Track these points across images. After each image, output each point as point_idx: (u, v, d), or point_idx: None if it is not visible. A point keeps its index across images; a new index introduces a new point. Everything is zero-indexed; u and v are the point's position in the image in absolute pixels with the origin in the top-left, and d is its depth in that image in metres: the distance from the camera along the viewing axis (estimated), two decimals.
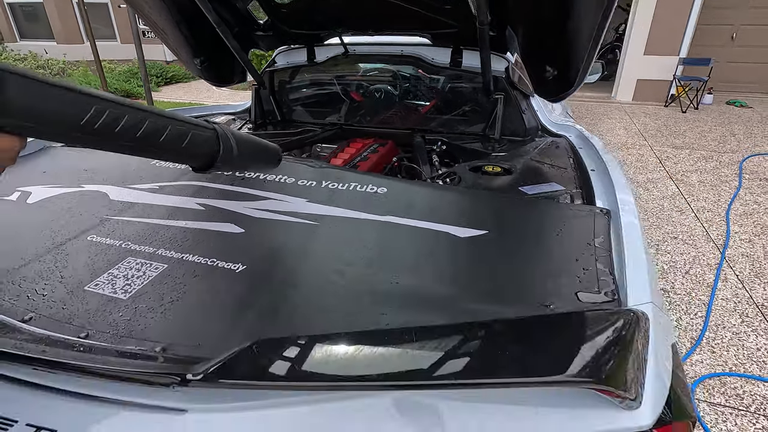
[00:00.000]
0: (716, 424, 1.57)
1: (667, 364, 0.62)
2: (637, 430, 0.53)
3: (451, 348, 0.54)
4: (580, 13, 1.19)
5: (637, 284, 0.69)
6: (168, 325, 0.67)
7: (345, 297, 0.73)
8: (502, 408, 0.54)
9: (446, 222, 0.91)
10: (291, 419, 0.55)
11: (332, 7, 1.75)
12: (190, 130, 0.62)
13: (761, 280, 2.37)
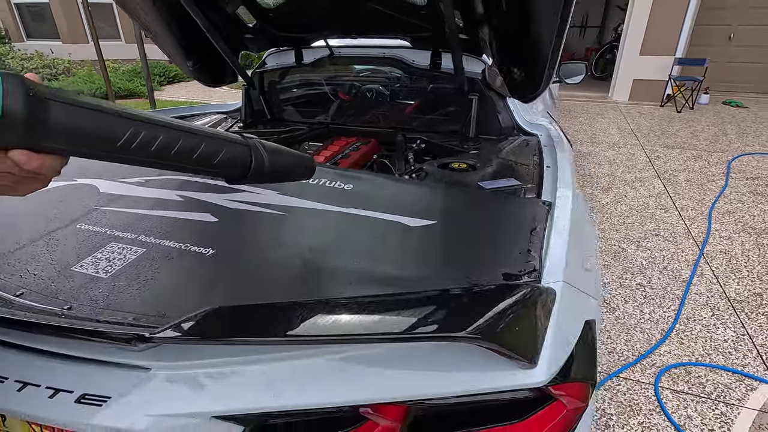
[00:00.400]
0: (677, 410, 1.65)
1: (573, 334, 0.70)
2: (532, 386, 0.61)
3: (370, 313, 0.63)
4: (539, 18, 1.28)
5: (554, 266, 0.78)
6: (140, 299, 0.77)
7: (302, 277, 0.82)
8: (416, 367, 0.63)
9: (401, 213, 0.99)
10: (245, 376, 0.65)
11: (317, 12, 1.84)
12: (224, 146, 0.63)
13: (736, 276, 2.44)
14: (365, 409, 0.63)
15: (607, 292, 2.33)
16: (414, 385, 0.62)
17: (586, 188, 3.62)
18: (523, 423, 0.65)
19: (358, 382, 0.63)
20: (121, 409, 0.64)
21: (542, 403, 0.66)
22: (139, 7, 1.66)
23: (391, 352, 0.65)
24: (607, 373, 1.82)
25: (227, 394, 0.63)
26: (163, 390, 0.65)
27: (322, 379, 0.63)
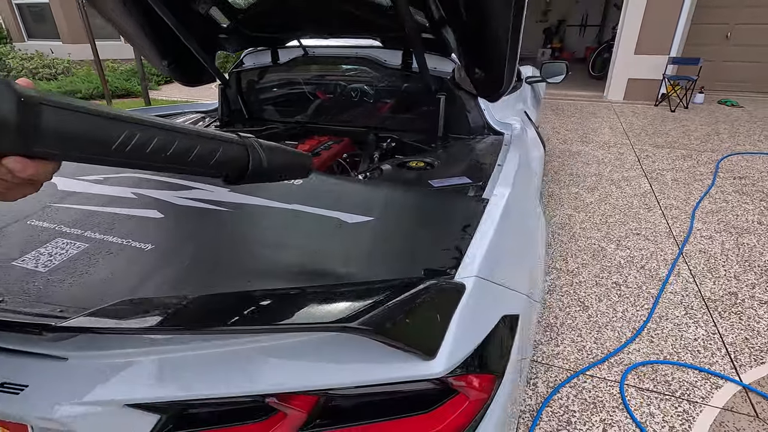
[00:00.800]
0: (640, 407, 1.66)
1: (483, 328, 0.72)
2: (429, 378, 0.63)
3: (271, 305, 0.65)
4: (493, 18, 1.29)
5: (470, 261, 0.79)
6: (71, 293, 0.79)
7: (228, 271, 0.84)
8: (321, 358, 0.65)
9: (342, 210, 1.02)
10: (156, 366, 0.67)
11: (288, 13, 1.86)
12: (220, 146, 0.62)
13: (712, 275, 2.45)
14: (271, 398, 0.66)
15: (582, 290, 2.34)
16: (317, 376, 0.64)
17: (571, 187, 3.63)
18: (427, 415, 0.67)
19: (263, 372, 0.65)
20: (38, 397, 0.66)
21: (448, 396, 0.68)
22: (110, 7, 1.69)
23: (298, 343, 0.67)
24: (573, 371, 1.83)
25: (139, 384, 0.66)
26: (78, 379, 0.67)
27: (230, 369, 0.66)
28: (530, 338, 1.00)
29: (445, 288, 0.71)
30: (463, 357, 0.66)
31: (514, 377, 0.81)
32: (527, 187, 1.31)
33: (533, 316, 1.00)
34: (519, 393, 0.90)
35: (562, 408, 1.67)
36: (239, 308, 0.64)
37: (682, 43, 6.52)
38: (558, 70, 2.90)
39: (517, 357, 0.83)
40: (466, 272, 0.76)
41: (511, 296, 0.84)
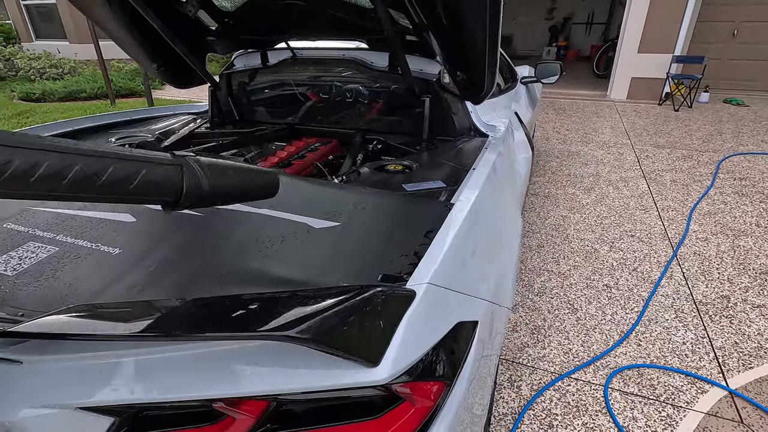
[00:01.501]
0: (623, 411, 1.65)
1: (433, 335, 0.72)
2: (372, 385, 0.64)
3: (215, 311, 0.66)
4: (470, 22, 1.29)
5: (424, 268, 0.80)
6: (35, 297, 0.81)
7: (188, 275, 0.85)
8: (267, 364, 0.66)
9: (309, 214, 1.02)
10: (109, 370, 0.68)
11: (274, 15, 1.87)
12: (141, 168, 0.55)
13: (705, 278, 2.42)
14: (218, 403, 0.67)
15: (572, 292, 2.33)
16: (264, 382, 0.65)
17: (568, 188, 3.60)
18: (375, 420, 0.68)
19: (212, 377, 0.66)
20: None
21: (396, 402, 0.69)
22: (96, 10, 1.71)
23: (247, 349, 0.68)
24: (558, 373, 1.82)
25: (91, 388, 0.67)
26: (32, 382, 0.68)
27: (180, 374, 0.67)
28: (495, 343, 1.00)
29: (394, 295, 0.71)
30: (409, 365, 0.67)
31: (470, 384, 0.81)
32: (501, 190, 1.31)
33: (499, 321, 1.00)
34: (479, 399, 0.90)
35: (544, 411, 1.66)
36: (184, 315, 0.65)
37: (687, 41, 6.44)
38: (552, 71, 2.89)
39: (474, 364, 0.83)
40: (420, 278, 0.77)
41: (469, 302, 0.84)
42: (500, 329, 1.02)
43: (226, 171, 0.68)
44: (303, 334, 0.57)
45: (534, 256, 2.66)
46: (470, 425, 0.85)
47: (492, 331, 0.94)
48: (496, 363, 1.03)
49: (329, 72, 2.10)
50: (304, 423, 0.69)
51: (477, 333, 0.84)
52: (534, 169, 4.01)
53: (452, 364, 0.74)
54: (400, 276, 0.80)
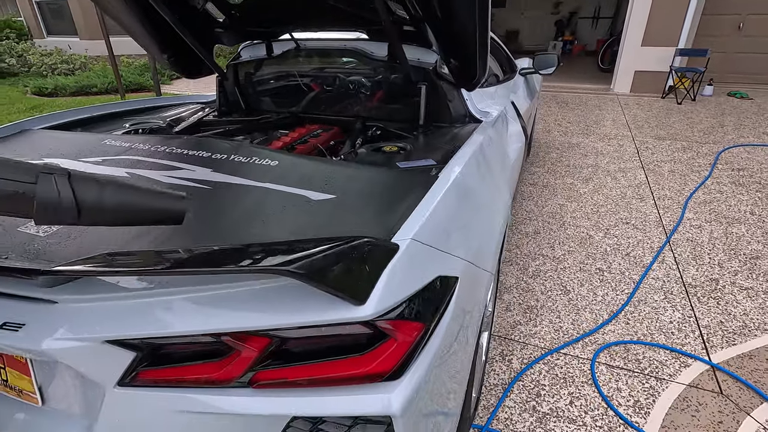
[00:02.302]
0: (608, 383, 1.74)
1: (414, 283, 0.82)
2: (359, 320, 0.74)
3: (223, 254, 0.76)
4: (460, 13, 1.38)
5: (408, 226, 0.89)
6: (64, 252, 0.92)
7: (195, 236, 0.95)
8: (268, 303, 0.76)
9: (309, 188, 1.12)
10: (131, 308, 0.79)
11: (278, 7, 1.97)
12: None
13: (697, 262, 2.49)
14: (226, 337, 0.77)
15: (566, 275, 2.41)
16: (263, 317, 0.75)
17: (566, 178, 3.67)
18: (361, 356, 0.78)
19: (218, 313, 0.76)
20: (33, 333, 0.79)
21: (380, 341, 0.78)
22: (112, 4, 1.81)
23: (248, 291, 0.78)
24: (548, 349, 1.91)
25: (116, 323, 0.78)
26: (66, 319, 0.79)
27: (192, 311, 0.77)
28: (479, 303, 1.10)
29: (380, 247, 0.80)
30: (392, 306, 0.76)
31: (450, 334, 0.91)
32: (486, 167, 1.40)
33: (480, 282, 1.09)
34: (461, 355, 1.00)
35: (533, 382, 1.75)
36: (197, 256, 0.75)
37: (691, 34, 6.44)
38: (550, 62, 2.96)
39: (455, 315, 0.93)
40: (404, 235, 0.86)
41: (449, 260, 0.93)
42: (482, 291, 1.11)
43: (104, 189, 0.65)
44: (299, 270, 0.67)
45: (530, 242, 2.74)
46: (451, 378, 0.95)
47: (473, 290, 1.04)
48: (478, 324, 1.12)
49: (331, 62, 2.19)
50: (299, 359, 0.79)
51: (457, 288, 0.93)
52: (533, 160, 4.08)
53: (432, 310, 0.84)
54: (387, 233, 0.89)
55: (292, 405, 0.78)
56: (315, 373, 0.78)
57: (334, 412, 0.77)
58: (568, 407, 1.64)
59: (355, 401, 0.77)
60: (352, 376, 0.77)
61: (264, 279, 0.80)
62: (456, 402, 1.07)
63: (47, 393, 0.90)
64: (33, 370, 0.89)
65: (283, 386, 0.79)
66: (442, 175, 1.10)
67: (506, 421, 1.58)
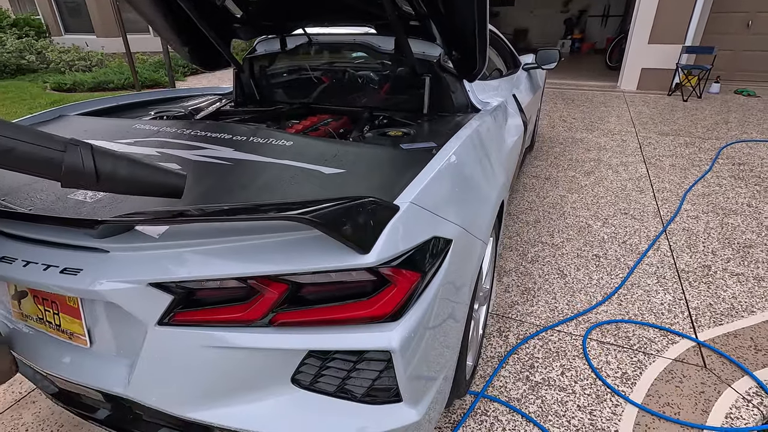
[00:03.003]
0: (598, 356, 1.85)
1: (412, 239, 0.94)
2: (365, 266, 0.86)
3: (249, 208, 0.89)
4: (461, 9, 1.50)
5: (408, 191, 1.02)
6: (111, 212, 1.06)
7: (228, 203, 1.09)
8: (285, 252, 0.89)
9: (321, 164, 1.25)
10: (169, 256, 0.93)
11: (291, 4, 2.10)
12: (27, 148, 0.69)
13: (691, 250, 2.58)
14: (251, 281, 0.90)
15: (563, 261, 2.52)
16: (280, 263, 0.88)
17: (569, 171, 3.77)
18: (367, 300, 0.91)
19: (244, 260, 0.89)
20: (89, 277, 0.93)
21: (382, 287, 0.91)
22: (139, 1, 1.96)
23: (269, 242, 0.91)
24: (543, 326, 2.03)
25: (159, 268, 0.91)
26: (116, 265, 0.93)
27: (222, 259, 0.90)
28: (472, 266, 1.22)
29: (383, 205, 0.93)
30: (393, 255, 0.89)
31: (446, 288, 1.04)
32: (481, 147, 1.52)
33: (474, 249, 1.22)
34: (456, 310, 1.12)
35: (527, 355, 1.87)
36: (230, 209, 0.88)
37: (699, 32, 6.47)
38: (552, 58, 3.06)
39: (450, 272, 1.05)
40: (404, 199, 0.99)
41: (444, 224, 1.06)
42: (475, 256, 1.23)
43: (119, 162, 0.79)
44: (314, 218, 0.80)
45: (530, 230, 2.85)
46: (444, 331, 1.07)
47: (467, 253, 1.16)
48: (471, 287, 1.25)
49: (341, 55, 2.32)
50: (314, 303, 0.93)
51: (451, 249, 1.06)
52: (537, 154, 4.18)
53: (427, 263, 0.96)
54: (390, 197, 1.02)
55: (307, 341, 0.91)
56: (326, 315, 0.91)
57: (343, 346, 0.90)
58: (559, 377, 1.75)
59: (360, 338, 0.90)
60: (358, 317, 0.91)
61: (283, 231, 0.93)
62: (451, 357, 1.19)
63: (95, 335, 1.05)
64: (84, 314, 1.03)
65: (298, 325, 0.92)
66: (439, 152, 1.23)
67: (501, 389, 1.71)
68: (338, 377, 0.96)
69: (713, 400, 1.64)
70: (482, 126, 1.61)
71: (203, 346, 0.93)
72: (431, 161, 1.18)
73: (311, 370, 0.96)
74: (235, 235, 0.92)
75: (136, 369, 0.98)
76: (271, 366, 0.95)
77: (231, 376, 0.95)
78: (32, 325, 1.15)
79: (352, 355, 0.94)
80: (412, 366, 0.96)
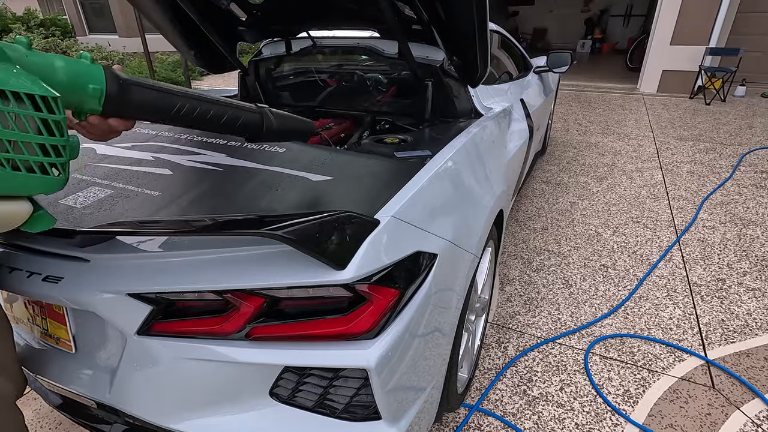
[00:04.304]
0: (600, 372, 1.79)
1: (392, 254, 0.92)
2: (339, 282, 0.84)
3: (225, 222, 0.88)
4: (461, 16, 1.47)
5: (392, 205, 1.00)
6: (96, 220, 1.07)
7: (208, 209, 1.08)
8: (263, 266, 0.87)
9: (310, 171, 1.24)
10: (149, 267, 0.92)
11: (295, 7, 2.10)
12: (243, 113, 0.93)
13: (705, 262, 2.48)
14: (227, 294, 0.89)
15: (569, 270, 2.45)
16: (257, 278, 0.87)
17: (580, 177, 3.67)
18: (344, 317, 0.89)
19: (221, 273, 0.89)
20: (70, 285, 0.93)
21: (359, 304, 0.89)
22: (144, 3, 1.98)
23: (245, 255, 0.90)
24: (543, 338, 1.97)
25: (137, 279, 0.91)
26: (96, 274, 0.94)
27: (199, 271, 0.90)
28: (461, 280, 1.19)
29: (361, 221, 0.91)
30: (370, 272, 0.87)
31: (430, 304, 1.01)
32: (477, 156, 1.48)
33: (462, 263, 1.18)
34: (443, 324, 1.09)
35: (526, 368, 1.83)
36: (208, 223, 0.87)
37: (724, 33, 6.23)
38: (563, 61, 2.99)
39: (435, 287, 1.02)
40: (386, 213, 0.97)
41: (428, 237, 1.03)
42: (464, 270, 1.20)
43: (287, 118, 1.02)
44: (288, 234, 0.78)
45: (537, 237, 2.79)
46: (429, 347, 1.05)
47: (454, 268, 1.13)
48: (460, 300, 1.21)
49: (344, 59, 2.31)
50: (291, 318, 0.91)
51: (436, 263, 1.03)
52: (548, 158, 4.09)
53: (408, 280, 0.94)
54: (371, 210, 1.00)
55: (283, 356, 0.90)
56: (302, 330, 0.90)
57: (319, 363, 0.88)
58: (558, 393, 1.70)
59: (336, 355, 0.88)
60: (334, 334, 0.89)
61: (261, 245, 0.92)
62: (436, 374, 1.16)
63: (79, 341, 1.06)
64: (69, 321, 1.04)
65: (275, 340, 0.91)
66: (430, 161, 1.20)
67: (496, 402, 1.67)
68: (316, 393, 0.94)
69: (720, 422, 1.56)
70: (480, 133, 1.57)
71: (182, 357, 0.93)
72: (420, 171, 1.15)
73: (289, 385, 0.95)
74: (213, 247, 0.92)
75: (116, 377, 0.99)
76: (249, 379, 0.94)
77: (210, 387, 0.95)
78: (23, 329, 1.17)
79: (329, 372, 0.92)
80: (392, 383, 0.94)
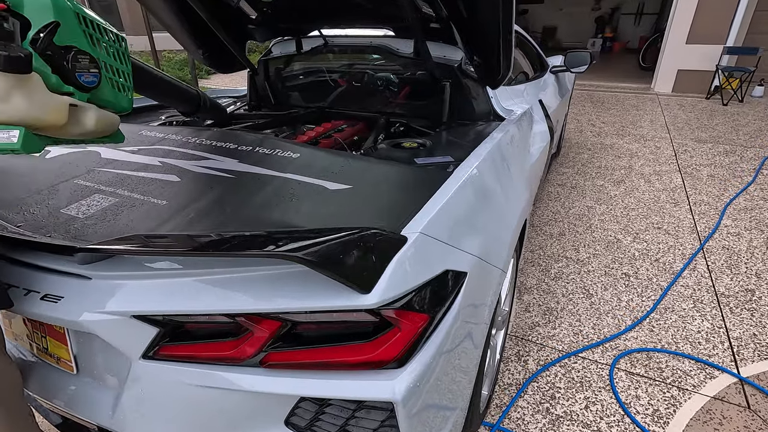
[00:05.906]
0: (627, 389, 1.70)
1: (421, 275, 0.84)
2: (365, 308, 0.76)
3: (239, 240, 0.80)
4: (485, 11, 1.38)
5: (419, 219, 0.91)
6: (99, 233, 0.99)
7: (220, 222, 1.01)
8: (280, 288, 0.80)
9: (327, 179, 1.16)
10: (157, 288, 0.85)
11: (308, 5, 2.02)
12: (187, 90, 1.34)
13: (732, 271, 2.38)
14: (240, 318, 0.82)
15: (589, 279, 2.36)
16: (274, 301, 0.79)
17: (597, 180, 3.57)
18: (368, 343, 0.81)
19: (233, 295, 0.81)
20: (70, 305, 0.86)
21: (385, 329, 0.81)
22: (152, 2, 1.91)
23: (261, 276, 0.82)
24: (565, 351, 1.89)
25: (143, 300, 0.84)
26: (98, 294, 0.86)
27: (210, 292, 0.82)
28: (489, 298, 1.10)
29: (388, 238, 0.83)
30: (397, 295, 0.79)
31: (459, 327, 0.93)
32: (503, 164, 1.39)
33: (491, 280, 1.10)
34: (469, 347, 1.01)
35: (548, 384, 1.74)
36: (219, 241, 0.80)
37: (742, 31, 6.08)
38: (582, 60, 2.89)
39: (464, 308, 0.94)
40: (413, 229, 0.88)
41: (458, 254, 0.94)
42: (492, 287, 1.12)
43: None
44: (308, 256, 0.70)
45: (554, 243, 2.69)
46: (457, 371, 0.96)
47: (483, 286, 1.05)
48: (488, 320, 1.13)
49: (358, 58, 2.22)
50: (309, 343, 0.83)
51: (465, 282, 0.95)
52: (563, 161, 3.99)
53: (437, 302, 0.86)
54: (396, 225, 0.92)
55: (300, 386, 0.82)
56: (322, 357, 0.82)
57: (339, 395, 0.80)
58: (583, 411, 1.61)
59: (359, 386, 0.80)
60: (357, 362, 0.81)
61: (277, 265, 0.84)
62: (462, 397, 1.08)
63: (81, 362, 0.99)
64: (69, 340, 0.97)
65: (291, 368, 0.83)
66: (456, 171, 1.12)
67: (518, 421, 1.58)
68: (336, 424, 0.86)
69: None
70: (505, 139, 1.48)
71: (189, 384, 0.85)
72: (447, 181, 1.07)
73: (307, 415, 0.87)
74: (224, 266, 0.84)
75: (120, 401, 0.91)
76: (262, 407, 0.86)
77: (220, 415, 0.87)
78: (22, 346, 1.10)
79: (351, 403, 0.84)
80: (419, 414, 0.86)
